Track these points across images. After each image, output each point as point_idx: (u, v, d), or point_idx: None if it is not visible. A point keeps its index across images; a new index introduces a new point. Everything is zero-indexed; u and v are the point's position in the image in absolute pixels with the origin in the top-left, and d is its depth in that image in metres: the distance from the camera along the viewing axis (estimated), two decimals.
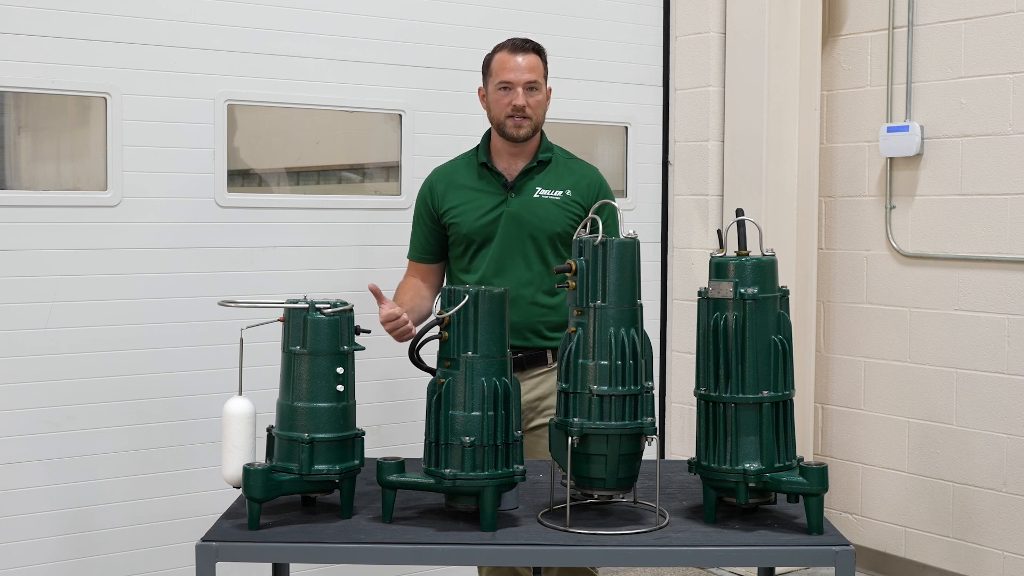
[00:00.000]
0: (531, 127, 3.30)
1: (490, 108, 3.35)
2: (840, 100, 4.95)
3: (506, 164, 3.37)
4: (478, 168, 3.38)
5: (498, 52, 3.35)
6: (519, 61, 3.29)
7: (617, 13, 4.96)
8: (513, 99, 3.27)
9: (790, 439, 2.45)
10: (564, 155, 3.46)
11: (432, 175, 3.48)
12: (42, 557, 3.78)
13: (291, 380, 2.46)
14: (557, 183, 3.36)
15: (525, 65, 3.29)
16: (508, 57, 3.30)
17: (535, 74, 3.30)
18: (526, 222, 3.31)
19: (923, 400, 4.67)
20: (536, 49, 3.35)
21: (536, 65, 3.32)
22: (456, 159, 3.49)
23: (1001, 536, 4.41)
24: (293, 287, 4.01)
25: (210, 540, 2.32)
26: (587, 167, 3.48)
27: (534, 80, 3.29)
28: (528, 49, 3.32)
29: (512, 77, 3.28)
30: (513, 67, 3.29)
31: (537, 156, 3.37)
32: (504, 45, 3.36)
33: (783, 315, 2.46)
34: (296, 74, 4.18)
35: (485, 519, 2.36)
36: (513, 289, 3.23)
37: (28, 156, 3.85)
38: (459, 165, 3.44)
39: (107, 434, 3.88)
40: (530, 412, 3.33)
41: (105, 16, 3.82)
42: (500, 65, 3.31)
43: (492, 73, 3.34)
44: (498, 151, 3.38)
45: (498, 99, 3.31)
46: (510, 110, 3.27)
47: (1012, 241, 4.36)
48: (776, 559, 2.43)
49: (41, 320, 3.75)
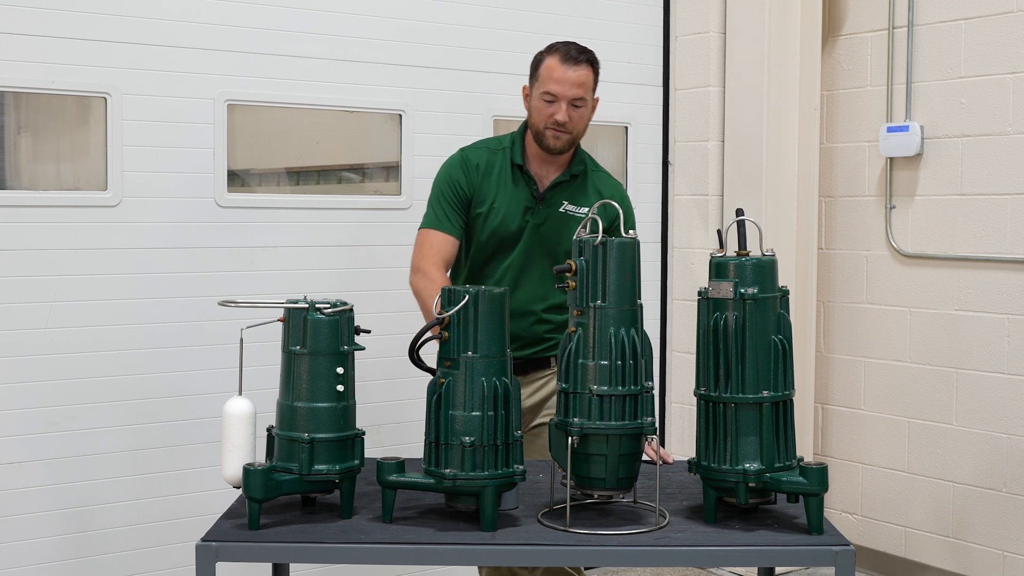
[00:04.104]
0: (569, 141, 3.15)
1: (531, 113, 3.18)
2: (840, 100, 4.95)
3: (539, 169, 3.23)
4: (512, 168, 3.22)
5: (549, 57, 3.15)
6: (569, 74, 3.09)
7: (617, 13, 4.95)
8: (555, 113, 3.10)
9: (790, 439, 2.45)
10: (592, 166, 3.32)
11: (468, 155, 3.26)
12: (42, 557, 3.78)
13: (291, 380, 2.46)
14: (583, 199, 3.24)
15: (574, 79, 3.09)
16: (558, 67, 3.10)
17: (583, 90, 3.11)
18: (547, 238, 3.23)
19: (923, 400, 4.67)
20: (590, 60, 3.14)
21: (586, 80, 3.12)
22: (489, 145, 3.30)
23: (1001, 536, 4.41)
24: (293, 287, 4.01)
25: (210, 540, 2.32)
26: (613, 183, 3.34)
27: (581, 96, 3.11)
28: (581, 61, 3.12)
29: (558, 90, 3.10)
30: (561, 79, 3.09)
31: (571, 168, 3.23)
32: (557, 50, 3.14)
33: (783, 315, 2.46)
34: (296, 74, 4.18)
35: (485, 519, 2.36)
36: (524, 303, 3.21)
37: (28, 156, 3.85)
38: (494, 157, 3.24)
39: (107, 434, 3.88)
40: (530, 414, 3.32)
41: (105, 16, 3.82)
42: (548, 73, 3.12)
43: (539, 79, 3.15)
44: (533, 154, 3.23)
45: (540, 108, 3.13)
46: (551, 123, 3.11)
47: (1012, 241, 4.36)
48: (776, 559, 2.43)
49: (41, 320, 3.75)
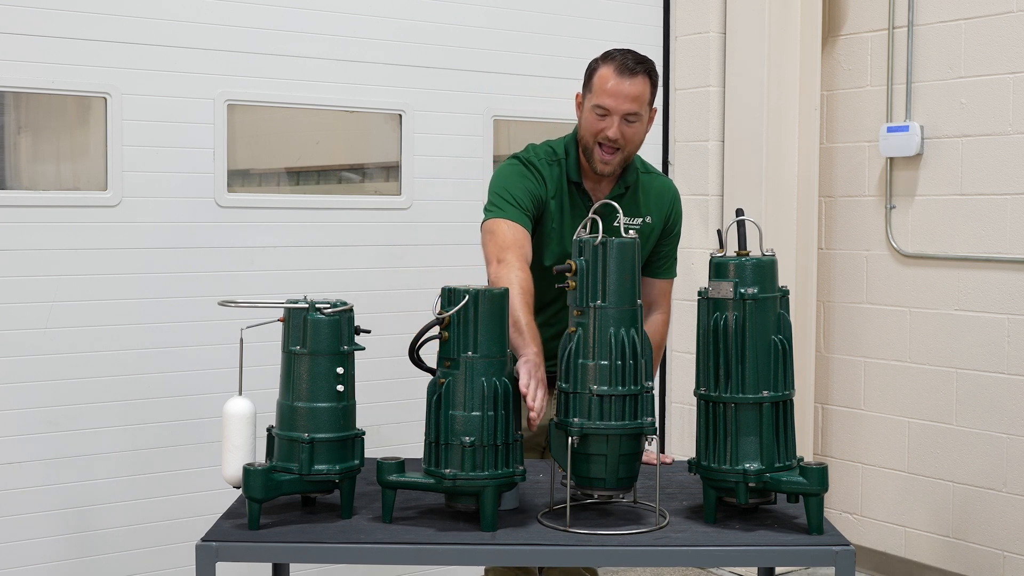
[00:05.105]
0: (619, 163, 2.92)
1: (581, 125, 2.95)
2: (840, 100, 4.95)
3: (593, 185, 3.00)
4: (568, 185, 2.97)
5: (604, 66, 2.89)
6: (625, 87, 2.84)
7: (617, 13, 4.96)
8: (607, 128, 2.86)
9: (790, 439, 2.44)
10: (643, 169, 3.09)
11: (536, 160, 2.98)
12: (42, 557, 3.78)
13: (291, 380, 2.46)
14: (638, 209, 3.03)
15: (629, 93, 2.84)
16: (613, 77, 2.85)
17: (638, 104, 2.85)
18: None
19: (923, 400, 4.67)
20: (648, 72, 2.88)
21: (642, 93, 2.86)
22: (548, 153, 3.00)
23: (1001, 536, 4.41)
24: (293, 287, 4.01)
25: (210, 540, 2.32)
26: (664, 183, 3.14)
27: (635, 111, 2.86)
28: (638, 72, 2.85)
29: (611, 104, 2.85)
30: (615, 92, 2.84)
31: (624, 179, 3.00)
32: (613, 59, 2.88)
33: (783, 315, 2.46)
34: (296, 74, 4.18)
35: (485, 519, 2.36)
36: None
37: (28, 156, 3.85)
38: (553, 169, 2.98)
39: (107, 434, 3.88)
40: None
41: (105, 16, 3.82)
42: (601, 84, 2.86)
43: (592, 90, 2.90)
44: (585, 168, 2.98)
45: (591, 122, 2.89)
46: (602, 138, 2.88)
47: (1012, 241, 4.36)
48: (776, 559, 2.43)
49: (41, 320, 3.75)
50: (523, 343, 2.60)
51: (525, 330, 2.62)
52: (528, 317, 2.67)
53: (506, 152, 4.51)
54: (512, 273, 2.73)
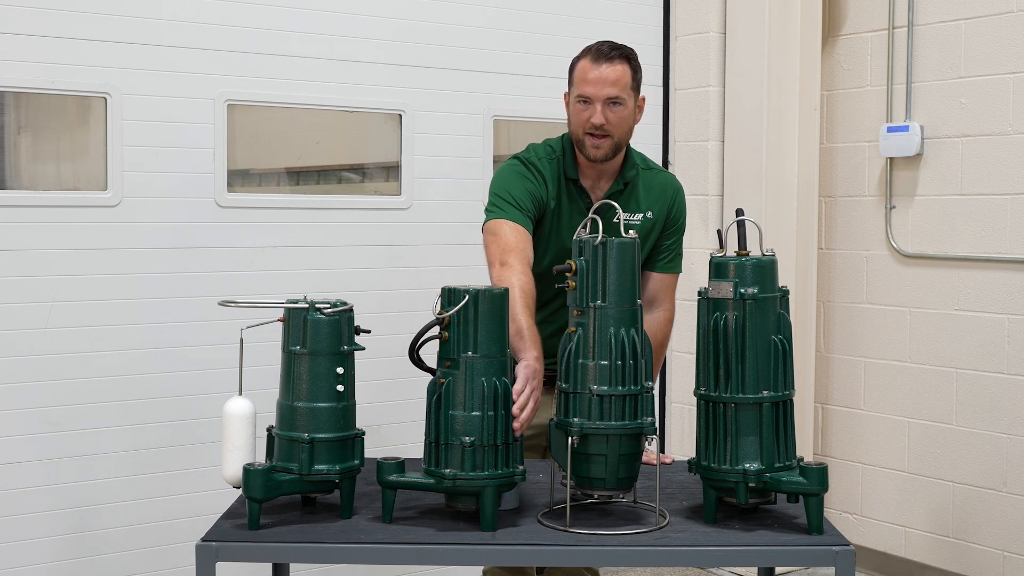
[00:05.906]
0: (611, 147, 2.94)
1: (570, 120, 3.01)
2: (840, 100, 4.95)
3: (591, 182, 3.03)
4: (565, 182, 3.01)
5: (581, 59, 2.97)
6: (601, 72, 2.90)
7: (617, 13, 4.96)
8: (591, 116, 2.91)
9: (790, 439, 2.44)
10: (643, 165, 3.11)
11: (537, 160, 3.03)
12: (42, 557, 3.78)
13: (291, 380, 2.46)
14: (638, 205, 3.05)
15: (607, 77, 2.89)
16: (589, 67, 2.92)
17: (618, 88, 2.90)
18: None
19: (923, 400, 4.67)
20: (626, 56, 2.94)
21: (621, 76, 2.91)
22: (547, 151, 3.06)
23: (1001, 536, 4.41)
24: (293, 287, 4.01)
25: (210, 540, 2.32)
26: (666, 178, 3.16)
27: (616, 95, 2.90)
28: (613, 58, 2.92)
29: (591, 91, 2.91)
30: (593, 79, 2.90)
31: (623, 175, 3.03)
32: (588, 51, 2.96)
33: (783, 315, 2.46)
34: (296, 74, 4.18)
35: (485, 519, 2.36)
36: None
37: (28, 156, 3.85)
38: (551, 169, 3.02)
39: (107, 434, 3.88)
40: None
41: (105, 16, 3.82)
42: (581, 75, 2.94)
43: (574, 83, 2.98)
44: (583, 165, 3.02)
45: (577, 113, 2.95)
46: (588, 127, 2.92)
47: (1012, 241, 4.36)
48: (776, 559, 2.43)
49: (41, 320, 3.75)
50: (523, 347, 2.61)
51: (526, 334, 2.64)
52: (529, 321, 2.69)
53: (506, 152, 4.52)
54: (514, 276, 2.76)
